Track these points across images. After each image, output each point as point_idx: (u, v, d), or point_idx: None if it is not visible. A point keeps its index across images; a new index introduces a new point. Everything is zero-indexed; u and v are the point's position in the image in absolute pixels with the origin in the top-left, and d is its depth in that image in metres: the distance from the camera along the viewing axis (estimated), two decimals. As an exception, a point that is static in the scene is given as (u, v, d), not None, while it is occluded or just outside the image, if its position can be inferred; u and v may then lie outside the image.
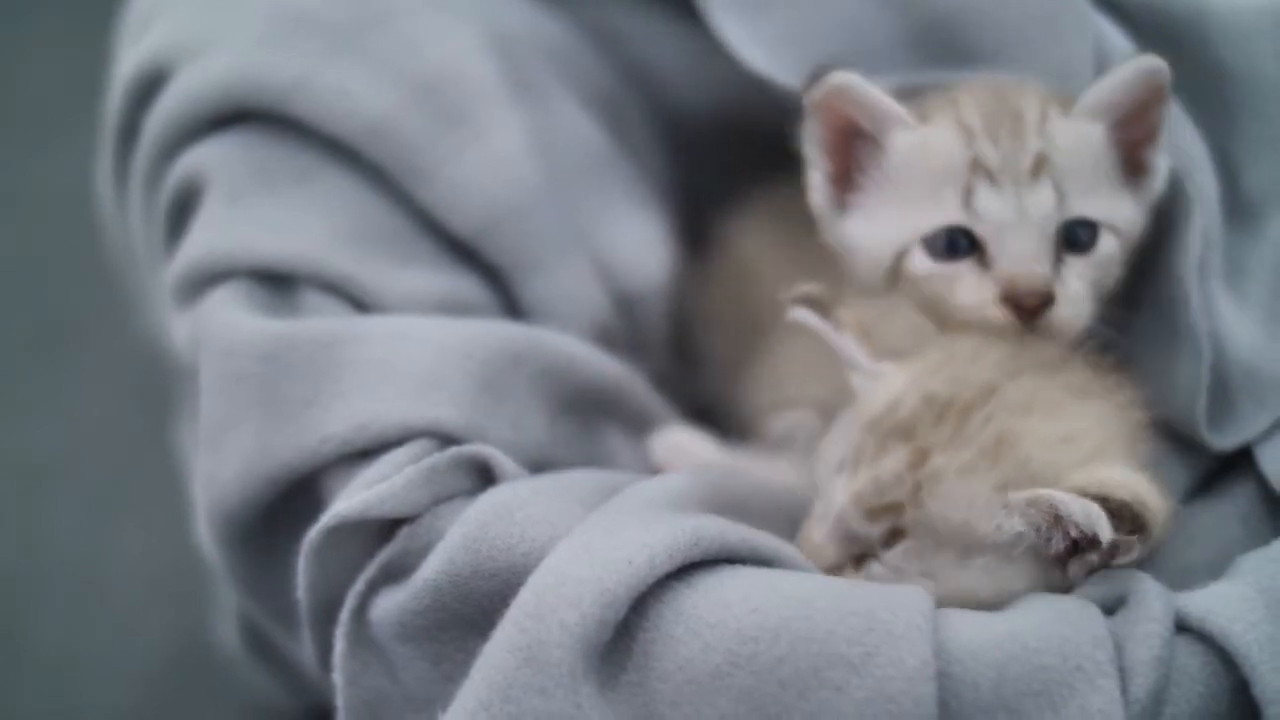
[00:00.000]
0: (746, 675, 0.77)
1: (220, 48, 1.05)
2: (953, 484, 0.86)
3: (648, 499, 0.89)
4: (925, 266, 0.96)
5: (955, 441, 0.87)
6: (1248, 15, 1.05)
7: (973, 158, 0.95)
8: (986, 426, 0.87)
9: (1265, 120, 1.05)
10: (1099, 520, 0.81)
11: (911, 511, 0.86)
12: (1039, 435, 0.88)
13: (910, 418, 0.88)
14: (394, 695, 0.89)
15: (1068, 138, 0.96)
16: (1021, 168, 0.95)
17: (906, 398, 0.90)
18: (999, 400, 0.89)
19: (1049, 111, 0.97)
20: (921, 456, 0.87)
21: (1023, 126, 0.96)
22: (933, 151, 0.97)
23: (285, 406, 0.94)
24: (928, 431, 0.88)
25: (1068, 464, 0.87)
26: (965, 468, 0.86)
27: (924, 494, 0.86)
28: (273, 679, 1.20)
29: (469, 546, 0.85)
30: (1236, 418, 0.98)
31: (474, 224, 1.05)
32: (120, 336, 1.43)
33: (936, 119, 0.99)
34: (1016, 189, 0.95)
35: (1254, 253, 1.03)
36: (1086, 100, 0.97)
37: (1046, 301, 0.94)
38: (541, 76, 1.14)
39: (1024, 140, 0.96)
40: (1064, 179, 0.95)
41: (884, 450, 0.88)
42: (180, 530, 1.14)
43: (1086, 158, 0.97)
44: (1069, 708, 0.77)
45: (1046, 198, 0.95)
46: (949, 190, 0.96)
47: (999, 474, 0.86)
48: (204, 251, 1.01)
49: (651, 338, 1.15)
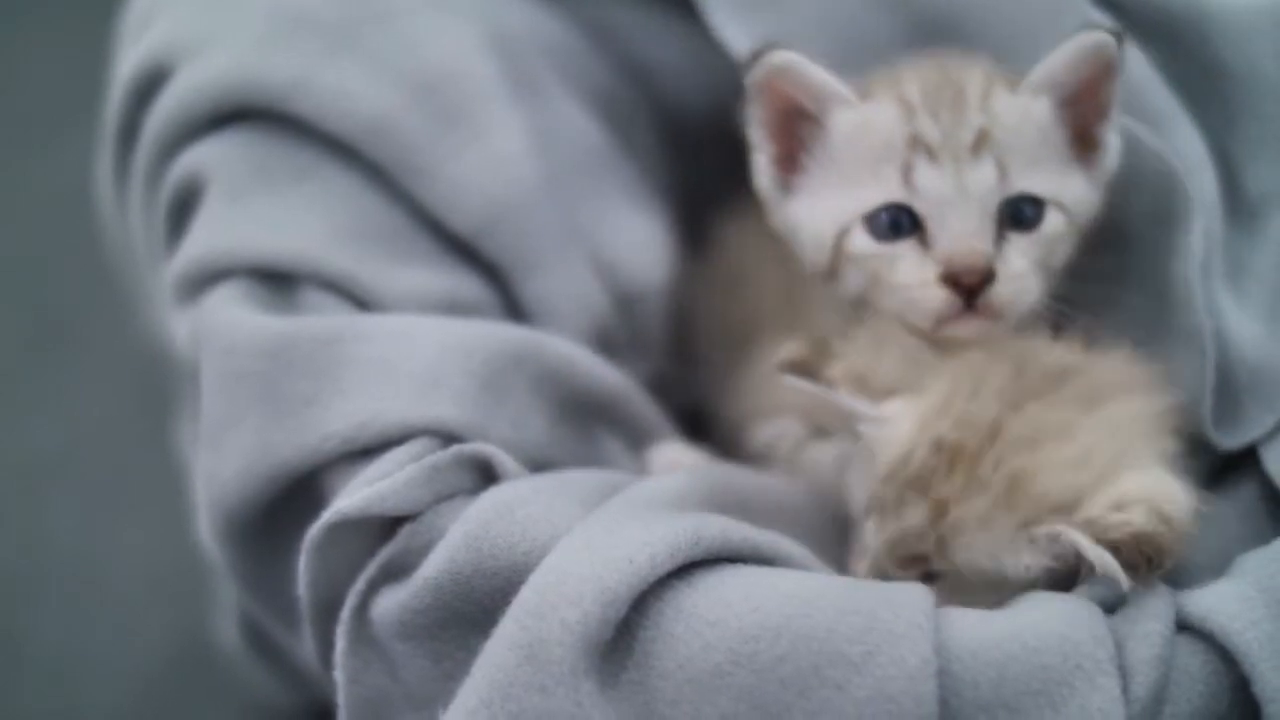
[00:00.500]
0: (747, 674, 0.77)
1: (220, 46, 1.05)
2: (975, 534, 0.86)
3: (649, 498, 0.89)
4: (866, 246, 0.95)
5: (969, 490, 0.87)
6: (1247, 14, 1.05)
7: (912, 134, 0.95)
8: (998, 470, 0.87)
9: (1265, 120, 1.05)
10: (1114, 570, 0.81)
11: (939, 559, 0.87)
12: (1051, 465, 0.88)
13: (923, 469, 0.88)
14: (395, 693, 0.89)
15: (1012, 114, 0.96)
16: (962, 143, 0.94)
17: (917, 449, 0.89)
18: (1005, 439, 0.89)
19: (993, 87, 0.97)
20: (940, 509, 0.87)
21: (964, 101, 0.96)
22: (873, 128, 0.96)
23: (286, 404, 0.94)
24: (942, 483, 0.88)
25: (1086, 484, 0.86)
26: (984, 517, 0.86)
27: (948, 546, 0.86)
28: (273, 677, 1.20)
29: (470, 545, 0.85)
30: (1242, 417, 0.98)
31: (474, 223, 1.05)
32: (120, 335, 1.43)
33: (878, 95, 0.98)
34: (957, 165, 0.94)
35: (1255, 252, 1.03)
36: (1032, 76, 0.97)
37: (987, 279, 0.93)
38: (541, 75, 1.14)
39: (965, 115, 0.95)
40: (1006, 155, 0.95)
41: (903, 504, 0.88)
42: (180, 529, 1.14)
43: (1031, 134, 0.96)
44: (1069, 706, 0.77)
45: (988, 174, 0.94)
46: (889, 167, 0.95)
47: (1019, 515, 0.86)
48: (204, 250, 1.01)
49: (651, 337, 1.15)
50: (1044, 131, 0.97)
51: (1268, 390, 0.98)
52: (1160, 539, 0.83)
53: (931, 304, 0.94)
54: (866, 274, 0.96)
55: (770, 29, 1.12)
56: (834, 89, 0.97)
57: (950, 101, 0.96)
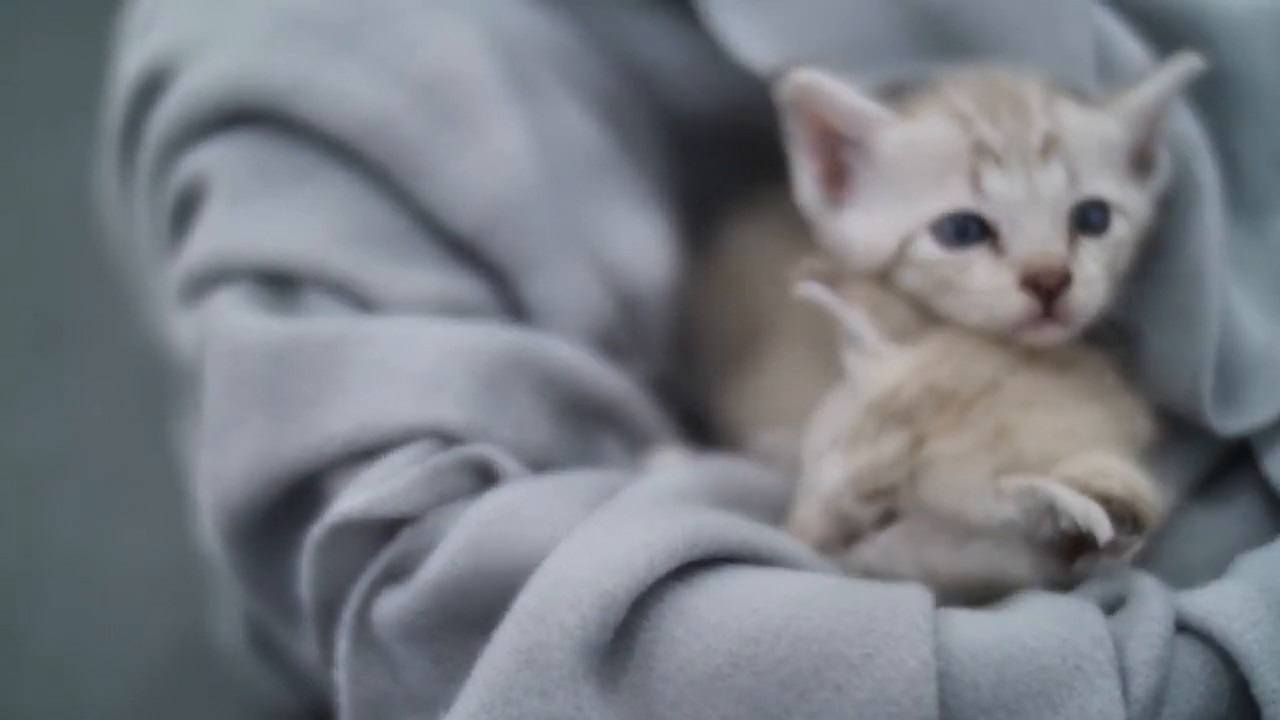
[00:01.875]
0: (747, 676, 0.78)
1: (221, 49, 1.05)
2: (947, 470, 0.86)
3: (650, 495, 0.90)
4: (934, 254, 0.93)
5: (954, 430, 0.87)
6: (1247, 14, 1.05)
7: (974, 141, 0.93)
8: (986, 417, 0.88)
9: (1265, 119, 1.05)
10: (1098, 520, 0.81)
11: (908, 495, 0.86)
12: (1037, 428, 0.88)
13: (912, 404, 0.88)
14: (396, 695, 0.89)
15: (1078, 121, 0.95)
16: (1030, 147, 0.92)
17: (909, 384, 0.89)
18: (1001, 394, 0.89)
19: (1055, 96, 0.96)
20: (919, 442, 0.87)
21: (1026, 108, 0.94)
22: (927, 144, 0.94)
23: (289, 406, 0.94)
24: (928, 419, 0.88)
25: (1062, 454, 0.87)
26: (961, 455, 0.86)
27: (919, 479, 0.86)
28: (275, 677, 1.20)
29: (471, 547, 0.86)
30: (1242, 401, 0.98)
31: (475, 223, 1.05)
32: (120, 335, 1.43)
33: (924, 113, 0.96)
34: (1026, 169, 0.92)
35: (1256, 251, 1.03)
36: (1125, 104, 0.96)
37: (1065, 282, 0.91)
38: (542, 76, 1.14)
39: (1030, 120, 0.93)
40: (1074, 159, 0.93)
41: (883, 432, 0.88)
42: (180, 529, 1.15)
43: (1096, 143, 0.95)
44: (1069, 708, 0.77)
45: (1058, 177, 0.92)
46: (955, 176, 0.93)
47: (994, 462, 0.86)
48: (207, 252, 1.01)
49: (652, 339, 1.15)
50: (1109, 144, 0.96)
51: (1269, 381, 0.98)
52: (1139, 505, 0.83)
53: (1011, 309, 0.91)
54: (933, 279, 0.94)
55: (770, 23, 1.12)
56: (868, 111, 0.95)
57: (1010, 109, 0.94)
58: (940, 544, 0.86)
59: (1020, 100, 0.95)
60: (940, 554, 0.86)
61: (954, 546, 0.86)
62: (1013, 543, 0.86)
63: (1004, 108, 0.94)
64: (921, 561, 0.86)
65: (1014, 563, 0.87)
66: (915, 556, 0.86)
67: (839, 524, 0.89)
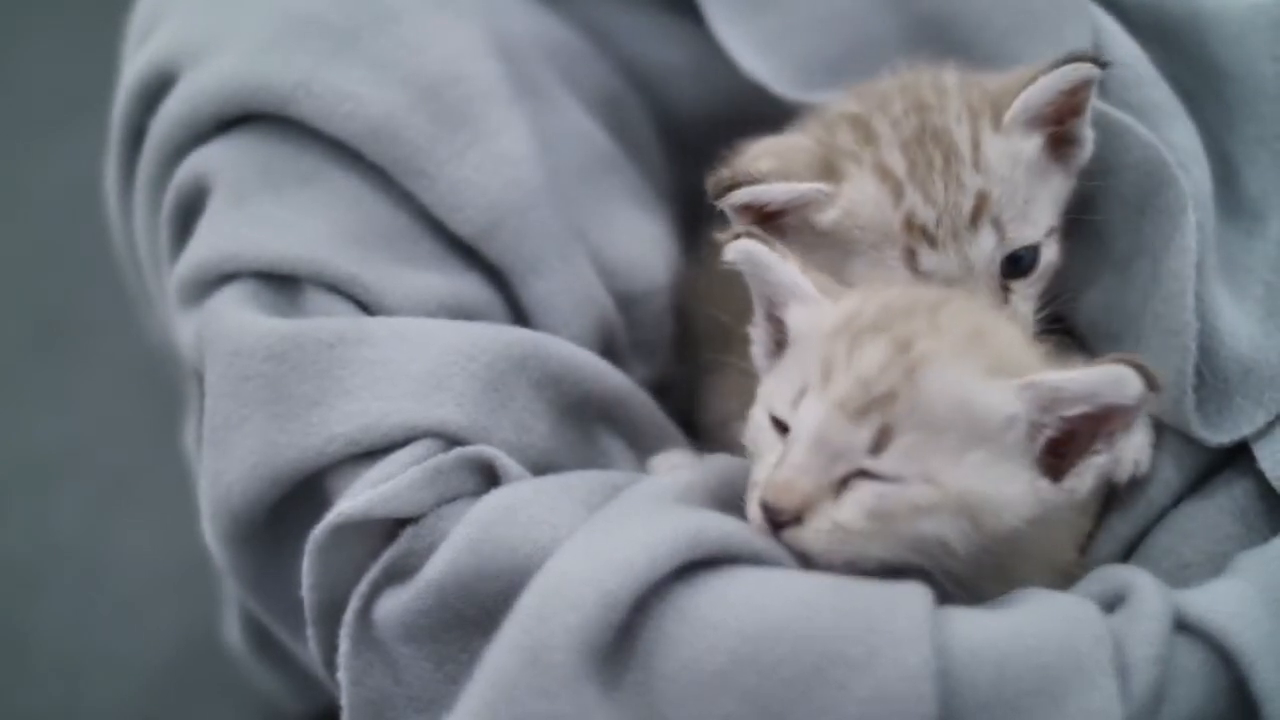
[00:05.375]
0: (749, 674, 0.78)
1: (224, 51, 1.06)
2: (945, 362, 0.84)
3: (652, 496, 0.90)
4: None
5: (934, 330, 0.86)
6: (1244, 15, 1.05)
7: (905, 218, 0.96)
8: (958, 318, 0.87)
9: (1262, 119, 1.04)
10: (1126, 379, 0.82)
11: (906, 395, 0.83)
12: (1008, 336, 0.89)
13: (879, 316, 0.87)
14: (398, 695, 0.89)
15: (1003, 160, 0.97)
16: (961, 218, 0.95)
17: (866, 305, 0.88)
18: (958, 303, 0.89)
19: (980, 129, 0.97)
20: (906, 342, 0.85)
21: (959, 163, 0.96)
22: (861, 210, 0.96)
23: (291, 406, 0.94)
24: (902, 324, 0.86)
25: (1034, 361, 0.88)
26: (956, 349, 0.85)
27: (919, 374, 0.84)
28: (277, 679, 1.21)
29: (472, 547, 0.86)
30: (1233, 413, 0.98)
31: (476, 224, 1.05)
32: (127, 334, 1.43)
33: (853, 172, 0.97)
34: (958, 244, 0.95)
35: (1254, 251, 1.03)
36: (1015, 112, 0.97)
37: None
38: (544, 78, 1.14)
39: (962, 181, 0.96)
40: (1003, 210, 0.96)
41: (859, 346, 0.86)
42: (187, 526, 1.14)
43: (1021, 173, 0.97)
44: (1068, 706, 0.78)
45: (988, 242, 0.96)
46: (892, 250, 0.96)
47: (985, 360, 0.85)
48: (209, 253, 1.01)
49: (653, 339, 1.15)
50: (1030, 163, 0.98)
51: (1260, 387, 0.98)
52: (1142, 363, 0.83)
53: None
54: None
55: (767, 26, 1.12)
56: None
57: (943, 163, 0.96)
58: (943, 454, 0.84)
59: (951, 150, 0.96)
60: (944, 466, 0.84)
61: (956, 456, 0.84)
62: (1010, 454, 0.85)
63: (935, 165, 0.96)
64: (927, 481, 0.83)
65: (1011, 479, 0.85)
66: (920, 475, 0.83)
67: (828, 466, 0.84)
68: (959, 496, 0.84)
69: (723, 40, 1.15)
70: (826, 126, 1.02)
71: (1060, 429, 0.85)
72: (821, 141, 1.00)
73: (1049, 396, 0.84)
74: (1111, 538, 0.98)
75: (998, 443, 0.85)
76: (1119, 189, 1.01)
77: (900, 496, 0.83)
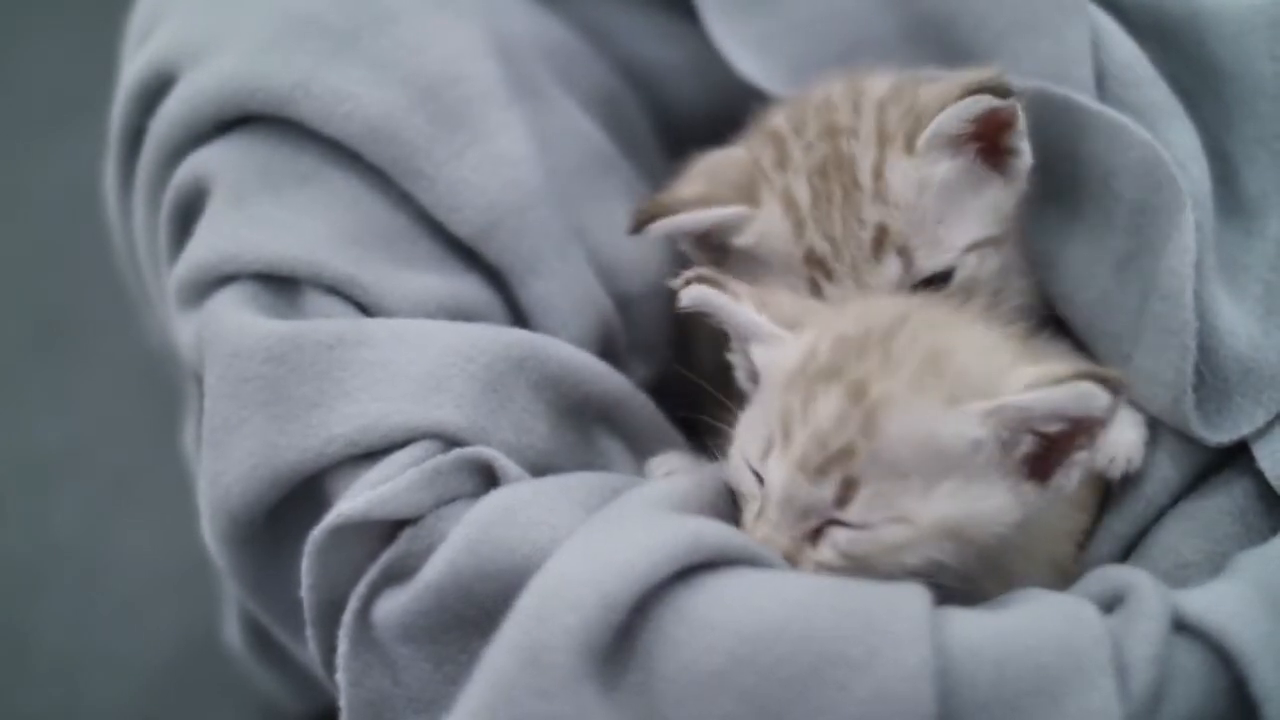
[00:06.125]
0: (749, 675, 0.78)
1: (223, 52, 1.05)
2: (903, 404, 0.84)
3: (650, 500, 0.90)
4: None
5: (888, 369, 0.86)
6: (1242, 14, 1.05)
7: (805, 252, 0.96)
8: (914, 345, 0.87)
9: (1261, 119, 1.04)
10: (1090, 393, 0.82)
11: (864, 448, 0.84)
12: (968, 344, 0.88)
13: (832, 359, 0.87)
14: (397, 697, 0.89)
15: (909, 187, 0.97)
16: (863, 251, 0.96)
17: (820, 343, 0.88)
18: (913, 324, 0.88)
19: (885, 160, 0.97)
20: (859, 390, 0.85)
21: (859, 195, 0.96)
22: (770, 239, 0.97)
23: (290, 408, 0.94)
24: (854, 365, 0.86)
25: (1000, 369, 0.87)
26: (913, 384, 0.85)
27: (876, 423, 0.84)
28: (276, 680, 1.21)
29: (471, 549, 0.86)
30: (1233, 413, 0.98)
31: (475, 225, 1.05)
32: (127, 332, 1.43)
33: (767, 198, 0.98)
34: (857, 275, 0.96)
35: (1252, 250, 1.03)
36: (929, 137, 0.97)
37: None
38: (542, 78, 1.14)
39: (861, 216, 0.96)
40: (909, 239, 0.96)
41: (813, 399, 0.86)
42: (187, 526, 1.14)
43: (931, 198, 0.97)
44: (1067, 705, 0.78)
45: (892, 270, 0.96)
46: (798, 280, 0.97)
47: (943, 387, 0.85)
48: (208, 254, 1.01)
49: (652, 340, 1.15)
50: (949, 186, 0.98)
51: (1259, 386, 0.98)
52: (1106, 372, 0.84)
53: None
54: None
55: (764, 26, 1.12)
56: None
57: (842, 196, 0.96)
58: (911, 493, 0.84)
59: (853, 179, 0.97)
60: (914, 504, 0.84)
61: (925, 492, 0.84)
62: (984, 472, 0.85)
63: (836, 196, 0.96)
64: (899, 522, 0.84)
65: (989, 494, 0.85)
66: (891, 518, 0.84)
67: (800, 522, 0.86)
68: (934, 527, 0.84)
69: (717, 41, 1.15)
70: (760, 138, 1.03)
71: (1037, 441, 0.85)
72: (753, 156, 1.02)
73: (1017, 418, 0.84)
74: (1110, 537, 0.98)
75: (967, 468, 0.85)
76: (1117, 189, 1.01)
77: (874, 540, 0.85)
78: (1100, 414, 0.83)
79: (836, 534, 0.85)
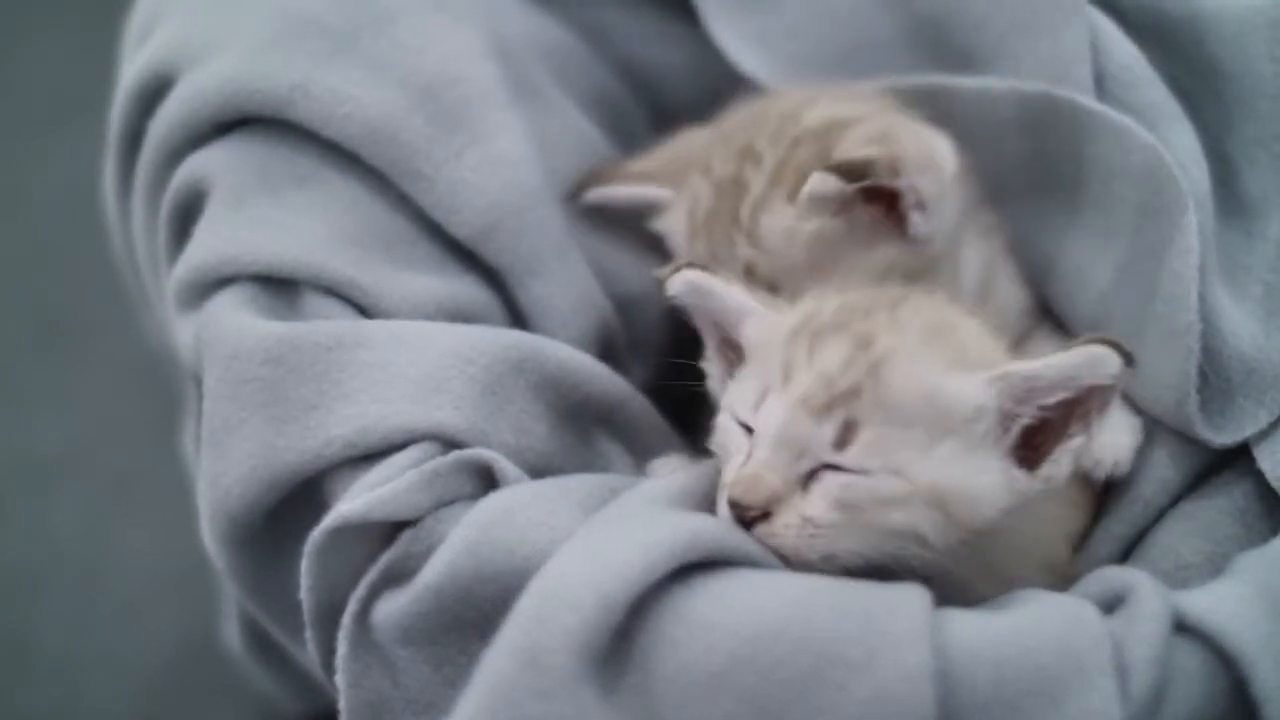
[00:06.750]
0: (748, 676, 0.78)
1: (222, 53, 1.05)
2: (909, 357, 0.84)
3: (649, 496, 0.90)
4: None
5: (894, 327, 0.86)
6: (1241, 14, 1.05)
7: (694, 257, 0.97)
8: (918, 315, 0.87)
9: (1261, 119, 1.04)
10: (1103, 358, 0.82)
11: (870, 390, 0.84)
12: (970, 328, 0.89)
13: (838, 315, 0.87)
14: (396, 698, 0.89)
15: (778, 236, 0.98)
16: (736, 276, 0.96)
17: (823, 306, 0.89)
18: (916, 300, 0.89)
19: (765, 203, 0.97)
20: (867, 338, 0.85)
21: (736, 229, 0.98)
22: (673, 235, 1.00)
23: (289, 409, 0.94)
24: (862, 321, 0.86)
25: (997, 359, 0.87)
26: (919, 343, 0.85)
27: (882, 369, 0.84)
28: (275, 680, 1.21)
29: (470, 550, 0.86)
30: (1235, 414, 0.98)
31: (474, 226, 1.05)
32: (127, 332, 1.43)
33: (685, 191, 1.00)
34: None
35: (1253, 251, 1.03)
36: (804, 197, 0.96)
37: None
38: (541, 78, 1.14)
39: (733, 245, 0.97)
40: (777, 278, 0.97)
41: (819, 346, 0.86)
42: (187, 527, 1.14)
43: (800, 249, 0.97)
44: (1067, 706, 0.77)
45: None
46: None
47: (950, 354, 0.85)
48: (207, 256, 1.01)
49: (651, 342, 1.15)
50: (821, 241, 0.98)
51: (1262, 387, 0.98)
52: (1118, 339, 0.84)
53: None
54: None
55: (764, 26, 1.12)
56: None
57: (728, 221, 0.97)
58: (910, 447, 0.84)
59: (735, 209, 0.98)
60: (912, 459, 0.84)
61: (924, 449, 0.84)
62: (982, 444, 0.85)
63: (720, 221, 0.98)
64: (894, 473, 0.83)
65: (983, 470, 0.85)
66: (887, 468, 0.83)
67: (794, 462, 0.85)
68: (929, 488, 0.84)
69: (718, 39, 1.15)
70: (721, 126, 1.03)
71: (1036, 417, 0.85)
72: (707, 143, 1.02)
73: (1024, 386, 0.84)
74: (1109, 538, 0.98)
75: (967, 434, 0.85)
76: (1119, 191, 1.01)
77: (868, 488, 0.84)
78: (1109, 380, 0.83)
79: (830, 479, 0.84)
